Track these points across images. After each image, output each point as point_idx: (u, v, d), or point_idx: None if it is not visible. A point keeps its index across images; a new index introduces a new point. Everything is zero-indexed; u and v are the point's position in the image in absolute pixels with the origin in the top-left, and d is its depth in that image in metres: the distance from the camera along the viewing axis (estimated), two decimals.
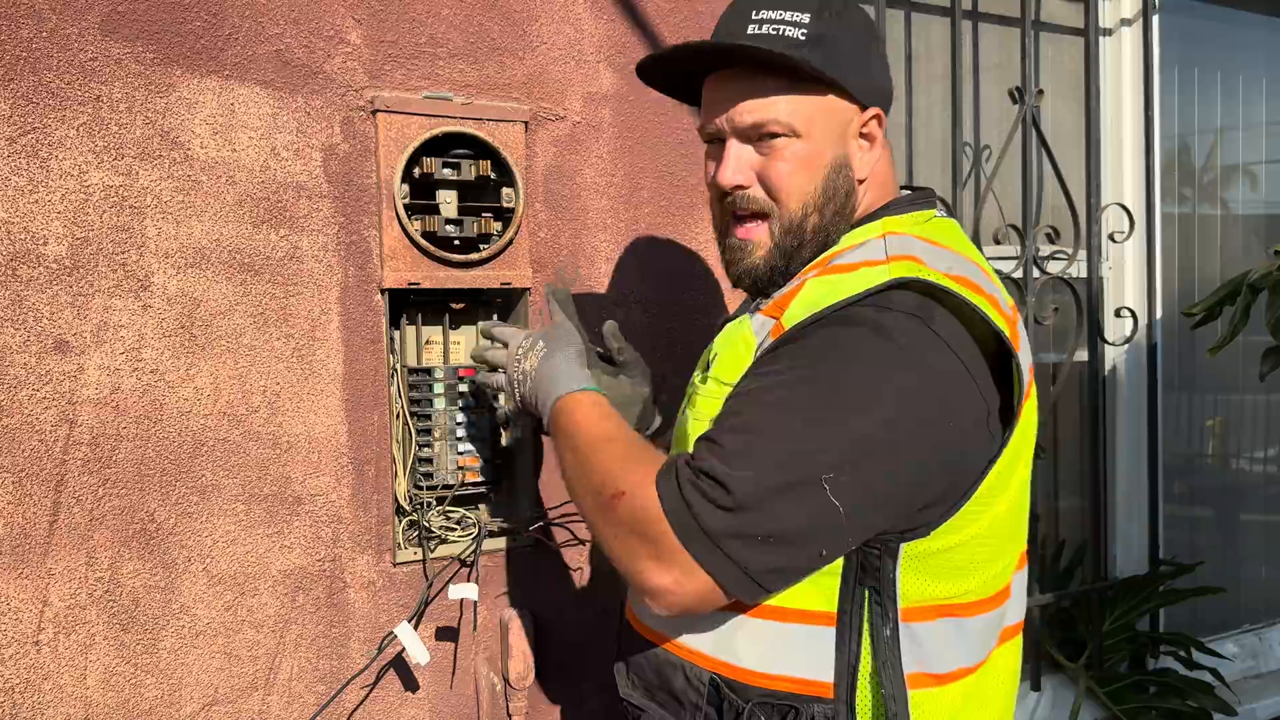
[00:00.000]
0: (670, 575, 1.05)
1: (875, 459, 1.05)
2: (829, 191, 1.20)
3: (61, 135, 1.44)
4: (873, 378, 1.05)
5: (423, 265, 1.66)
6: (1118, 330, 2.69)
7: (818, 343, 1.08)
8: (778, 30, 1.17)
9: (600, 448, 1.19)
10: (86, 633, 1.47)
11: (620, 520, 1.10)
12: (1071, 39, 2.74)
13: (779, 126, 1.18)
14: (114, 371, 1.48)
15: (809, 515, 1.04)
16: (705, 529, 1.03)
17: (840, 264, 1.16)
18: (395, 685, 1.70)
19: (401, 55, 1.67)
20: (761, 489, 1.02)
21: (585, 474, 1.18)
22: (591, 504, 1.16)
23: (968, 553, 1.13)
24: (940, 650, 1.13)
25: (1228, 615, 3.12)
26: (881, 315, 1.07)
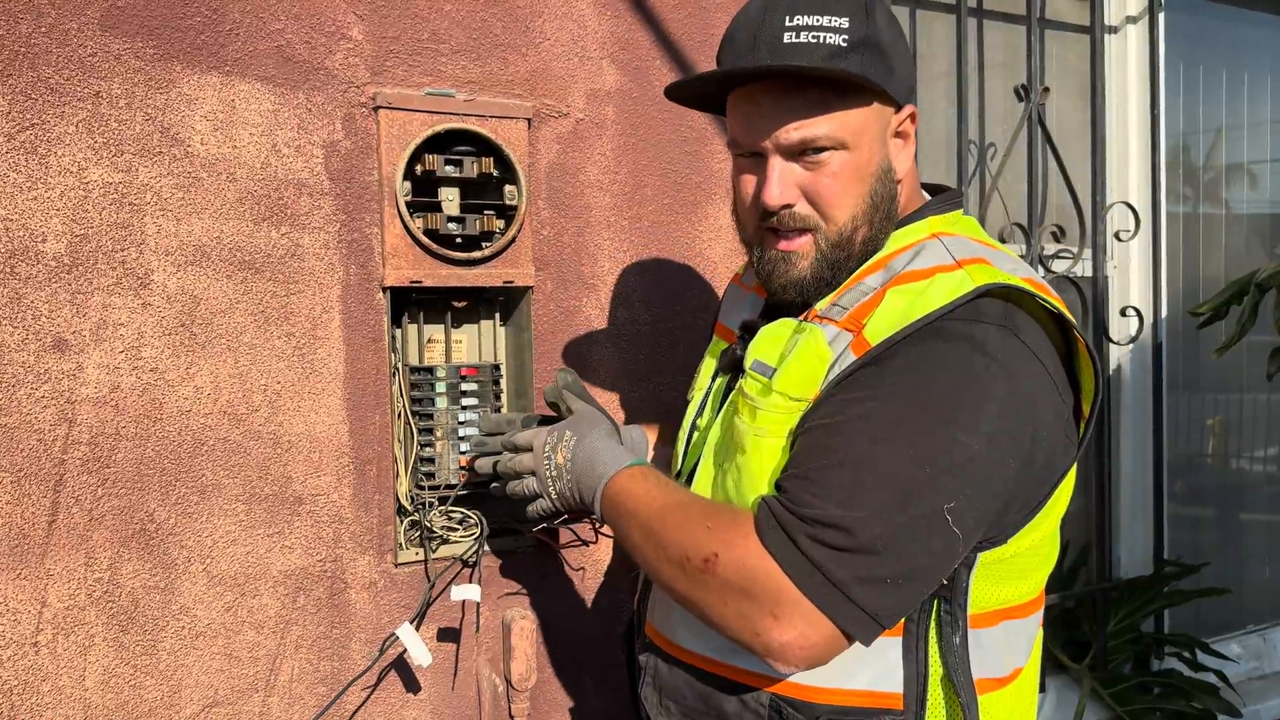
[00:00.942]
0: (795, 630, 1.00)
1: (984, 478, 1.03)
2: (876, 200, 1.16)
3: (60, 131, 1.42)
4: (974, 395, 1.03)
5: (425, 263, 1.65)
6: (1123, 330, 2.68)
7: (913, 362, 1.04)
8: (818, 38, 1.11)
9: (670, 517, 1.13)
10: (85, 634, 1.46)
11: (722, 584, 1.05)
12: (1076, 36, 2.73)
13: (828, 141, 1.12)
14: (113, 370, 1.46)
15: (935, 548, 1.01)
16: (832, 579, 0.99)
17: (911, 271, 1.12)
18: (397, 687, 1.69)
19: (404, 51, 1.65)
20: (887, 530, 0.99)
21: (662, 547, 1.11)
22: (679, 575, 1.09)
23: (1034, 556, 1.14)
24: (1000, 653, 1.14)
25: (1231, 616, 3.11)
26: (973, 329, 1.04)
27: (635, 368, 1.88)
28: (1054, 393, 1.09)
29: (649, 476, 1.20)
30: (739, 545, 1.04)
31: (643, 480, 1.20)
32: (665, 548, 1.11)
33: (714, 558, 1.05)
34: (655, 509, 1.15)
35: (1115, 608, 2.61)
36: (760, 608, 1.01)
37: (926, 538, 1.00)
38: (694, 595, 1.08)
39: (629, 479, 1.20)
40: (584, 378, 1.82)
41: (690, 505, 1.14)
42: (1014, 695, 1.17)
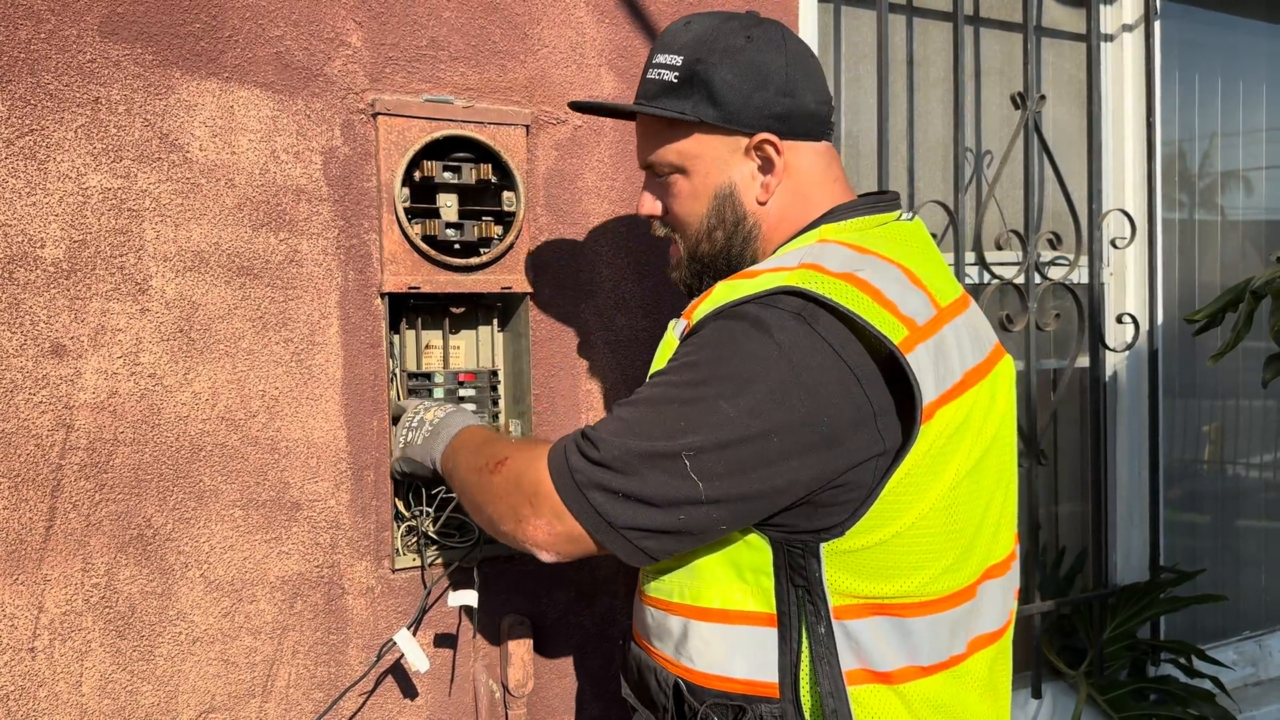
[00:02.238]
0: (544, 518, 1.17)
1: (738, 445, 1.10)
2: (714, 219, 1.29)
3: (59, 137, 1.43)
4: (745, 368, 1.10)
5: (423, 269, 1.65)
6: (1119, 336, 2.68)
7: (705, 334, 1.15)
8: (659, 75, 1.28)
9: (485, 445, 1.34)
10: (82, 639, 1.46)
11: (501, 480, 1.23)
12: (1073, 44, 2.74)
13: (664, 166, 1.31)
14: (111, 375, 1.46)
15: (667, 485, 1.11)
16: (576, 480, 1.14)
17: (753, 269, 1.22)
18: (394, 693, 1.69)
19: (402, 58, 1.66)
20: (629, 453, 1.12)
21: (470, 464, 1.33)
22: (475, 480, 1.29)
23: (894, 552, 1.13)
24: (881, 648, 1.14)
25: (1227, 622, 3.12)
26: (764, 311, 1.12)
27: (633, 374, 1.88)
28: (855, 387, 1.10)
29: (484, 428, 1.45)
30: (526, 453, 1.23)
31: (478, 430, 1.43)
32: (472, 462, 1.32)
33: (503, 461, 1.25)
34: (479, 439, 1.38)
35: (1111, 614, 2.61)
36: (523, 498, 1.19)
37: (661, 472, 1.11)
38: (481, 496, 1.27)
39: (467, 431, 1.43)
40: (581, 384, 1.82)
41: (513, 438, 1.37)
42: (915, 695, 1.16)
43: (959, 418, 1.15)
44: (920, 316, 1.14)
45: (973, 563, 1.21)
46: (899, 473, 1.11)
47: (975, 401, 1.18)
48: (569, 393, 1.82)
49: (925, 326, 1.14)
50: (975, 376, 1.20)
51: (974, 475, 1.18)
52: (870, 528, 1.12)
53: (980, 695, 1.24)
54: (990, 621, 1.26)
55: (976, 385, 1.20)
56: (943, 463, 1.14)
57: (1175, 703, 2.52)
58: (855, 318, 1.10)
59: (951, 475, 1.15)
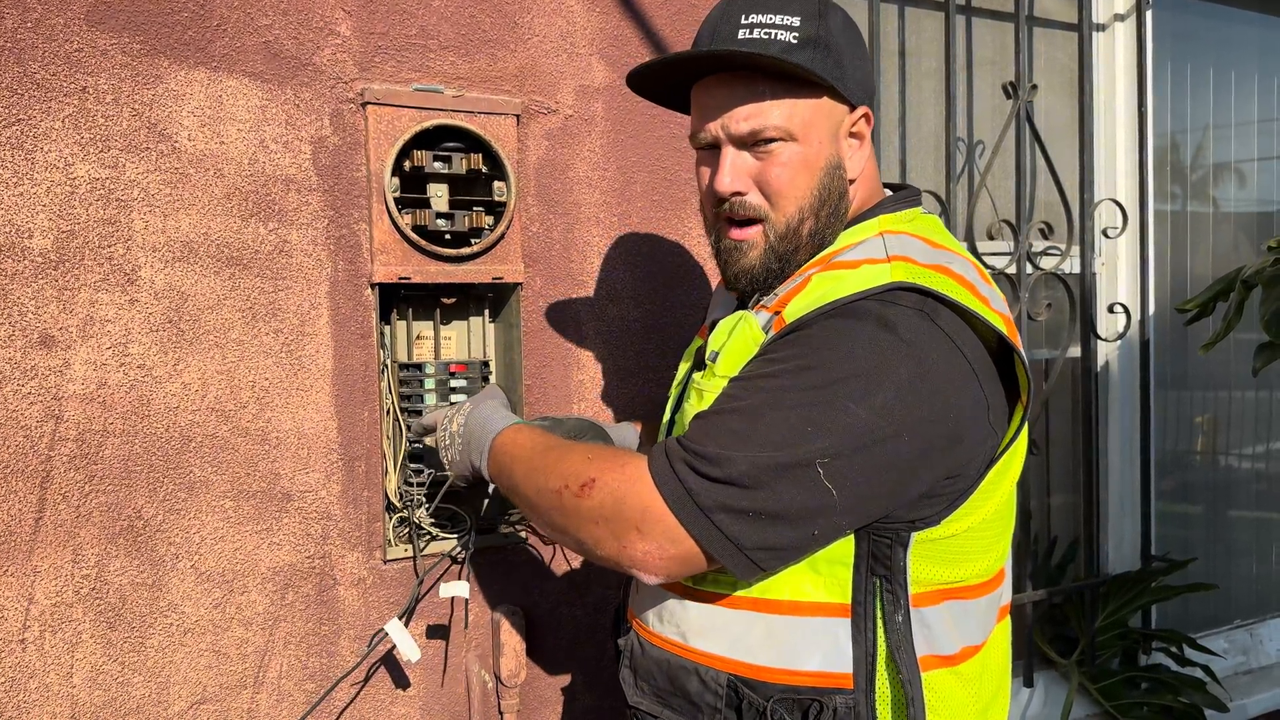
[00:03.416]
0: (655, 542, 1.08)
1: (871, 447, 1.06)
2: (824, 194, 1.20)
3: (47, 127, 1.42)
4: (874, 368, 1.06)
5: (413, 259, 1.65)
6: (1110, 326, 2.69)
7: (821, 332, 1.09)
8: (770, 34, 1.17)
9: (551, 454, 1.20)
10: (73, 631, 1.45)
11: (596, 505, 1.11)
12: (1065, 34, 2.74)
13: (776, 131, 1.18)
14: (100, 366, 1.46)
15: (802, 496, 1.05)
16: (698, 502, 1.05)
17: (842, 261, 1.17)
18: (386, 683, 1.69)
19: (392, 47, 1.65)
20: (756, 468, 1.04)
21: (543, 480, 1.18)
22: (556, 503, 1.16)
23: (971, 539, 1.17)
24: (948, 632, 1.17)
25: (1218, 611, 3.13)
26: (887, 309, 1.08)
27: (624, 363, 1.88)
28: (971, 379, 1.11)
29: (534, 429, 1.30)
30: (617, 471, 1.11)
31: (527, 431, 1.29)
32: (546, 479, 1.18)
33: (591, 482, 1.12)
34: (538, 450, 1.23)
35: (1103, 603, 2.62)
36: (627, 522, 1.09)
37: (793, 484, 1.04)
38: (568, 521, 1.15)
39: (514, 431, 1.30)
40: (573, 374, 1.82)
41: (574, 445, 1.22)
42: (967, 675, 1.19)
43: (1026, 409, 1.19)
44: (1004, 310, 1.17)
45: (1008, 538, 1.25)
46: (995, 466, 1.14)
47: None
48: (560, 383, 1.81)
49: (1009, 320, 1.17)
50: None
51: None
52: (961, 516, 1.14)
53: (1004, 659, 1.29)
54: (1008, 593, 1.30)
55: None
56: (1018, 452, 1.19)
57: (1166, 691, 2.53)
58: (972, 313, 1.10)
59: (1019, 462, 1.20)
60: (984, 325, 1.12)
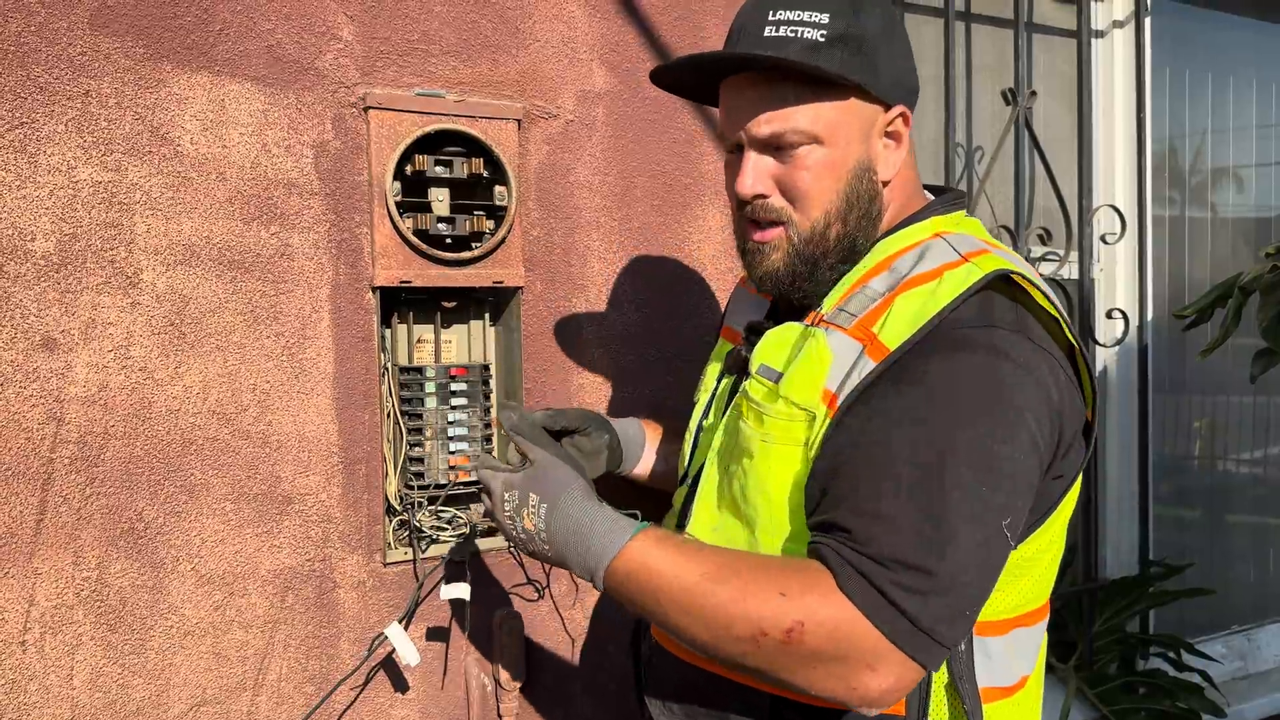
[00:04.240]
0: (891, 677, 0.99)
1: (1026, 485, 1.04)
2: (852, 198, 1.15)
3: (50, 130, 1.42)
4: (1009, 403, 1.03)
5: (414, 263, 1.65)
6: (1109, 332, 2.69)
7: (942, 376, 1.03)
8: (796, 32, 1.12)
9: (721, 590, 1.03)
10: (73, 633, 1.46)
11: (811, 651, 1.00)
12: (1064, 41, 2.75)
13: (799, 136, 1.13)
14: (102, 369, 1.46)
15: (993, 566, 1.02)
16: (921, 627, 0.98)
17: (919, 274, 1.11)
18: (385, 686, 1.69)
19: (394, 52, 1.66)
20: (961, 563, 0.98)
21: (721, 625, 1.03)
22: (752, 650, 1.02)
23: (1041, 560, 1.14)
24: (1009, 662, 1.14)
25: (1216, 616, 3.14)
26: (994, 337, 1.04)
27: (625, 368, 1.88)
28: (1074, 392, 1.10)
29: (665, 544, 1.09)
30: (823, 609, 0.99)
31: (659, 551, 1.08)
32: (728, 625, 1.02)
33: (799, 627, 0.99)
34: (693, 583, 1.05)
35: (1101, 608, 2.62)
36: (856, 665, 0.99)
37: (994, 560, 1.01)
38: (775, 669, 1.02)
39: (641, 553, 1.08)
40: (573, 378, 1.82)
41: (740, 570, 1.05)
42: (1020, 704, 1.17)
43: None
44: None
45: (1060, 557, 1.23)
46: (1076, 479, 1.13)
47: None
48: (561, 387, 1.82)
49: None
50: None
51: None
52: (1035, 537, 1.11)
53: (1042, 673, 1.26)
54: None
55: None
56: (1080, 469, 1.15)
57: (1164, 696, 2.53)
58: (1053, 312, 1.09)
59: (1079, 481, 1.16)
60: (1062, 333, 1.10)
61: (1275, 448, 3.39)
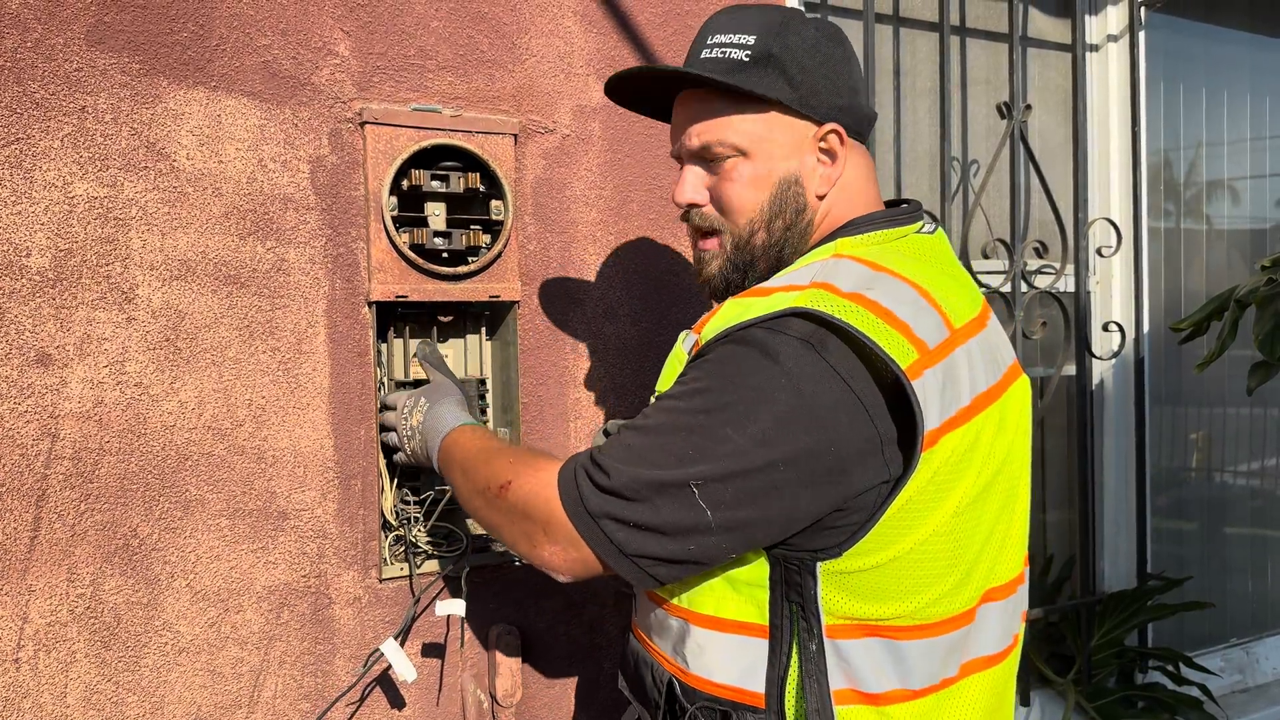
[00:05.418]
0: (558, 545, 1.16)
1: (745, 473, 1.09)
2: (776, 208, 1.24)
3: (46, 146, 1.42)
4: (753, 397, 1.09)
5: (410, 278, 1.65)
6: (1105, 344, 2.70)
7: (713, 358, 1.13)
8: (725, 53, 1.22)
9: (483, 456, 1.31)
10: (67, 650, 1.45)
11: (510, 506, 1.21)
12: (1059, 54, 2.76)
13: (724, 148, 1.23)
14: (97, 385, 1.46)
15: (677, 514, 1.10)
16: (588, 508, 1.13)
17: (761, 287, 1.19)
18: (381, 703, 1.68)
19: (390, 67, 1.66)
20: (637, 481, 1.11)
21: (473, 480, 1.29)
22: (482, 503, 1.26)
23: (892, 575, 1.12)
24: (872, 670, 1.13)
25: (1214, 629, 3.13)
26: (772, 338, 1.10)
27: (621, 381, 1.88)
28: (859, 413, 1.08)
29: (478, 431, 1.39)
30: (530, 474, 1.20)
31: (471, 433, 1.38)
32: (475, 480, 1.28)
33: (508, 484, 1.22)
34: (474, 450, 1.33)
35: (1099, 621, 2.62)
36: (536, 524, 1.18)
37: (670, 501, 1.10)
38: (491, 519, 1.25)
39: (460, 433, 1.39)
40: (569, 392, 1.82)
41: (505, 448, 1.32)
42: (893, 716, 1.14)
43: (965, 443, 1.13)
44: (932, 339, 1.11)
45: (972, 586, 1.18)
46: (900, 499, 1.09)
47: (983, 426, 1.16)
48: (557, 401, 1.82)
49: (936, 350, 1.11)
50: (985, 401, 1.17)
51: (980, 500, 1.16)
52: (868, 550, 1.11)
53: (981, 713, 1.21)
54: (989, 644, 1.22)
55: (985, 410, 1.16)
56: (947, 489, 1.12)
57: (1163, 710, 2.52)
58: (866, 341, 1.07)
59: (955, 501, 1.13)
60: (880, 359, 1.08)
61: (1272, 459, 3.39)
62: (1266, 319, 1.98)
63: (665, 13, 1.91)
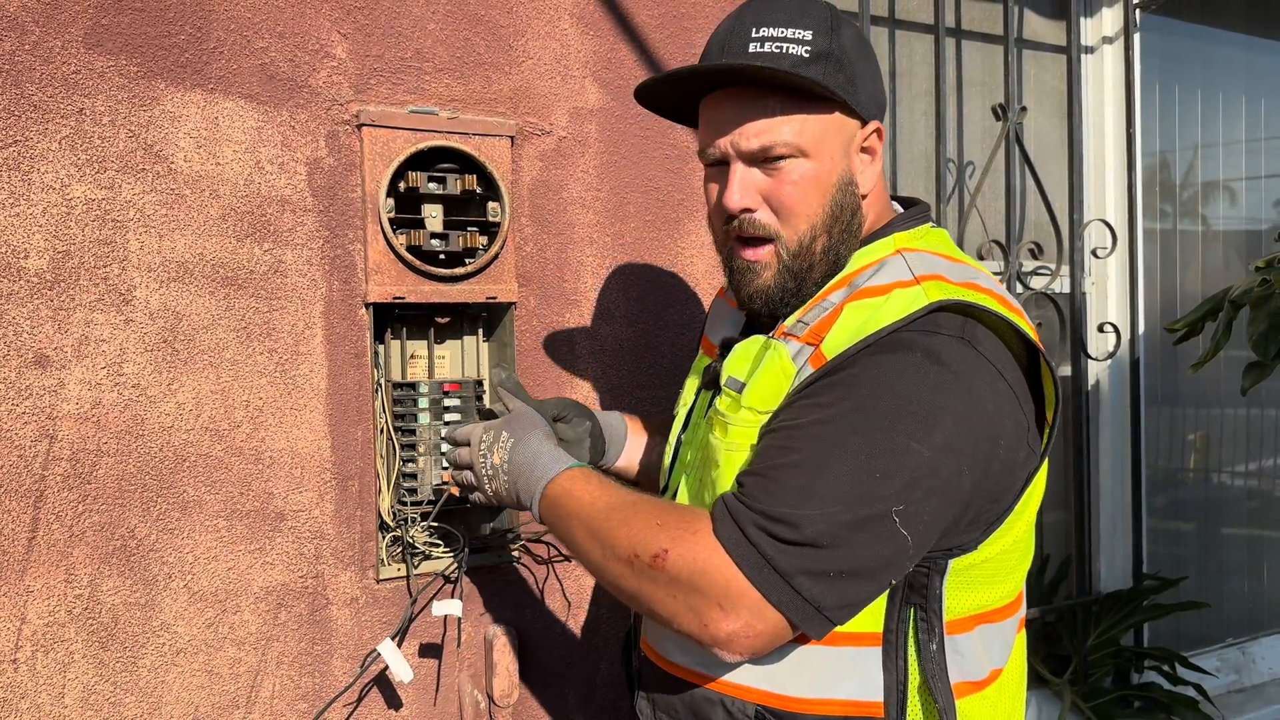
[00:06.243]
0: (740, 620, 1.02)
1: (936, 486, 1.04)
2: (836, 211, 1.17)
3: (44, 148, 1.43)
4: (929, 404, 1.04)
5: (407, 279, 1.66)
6: (1100, 345, 2.71)
7: (871, 372, 1.05)
8: (781, 49, 1.14)
9: (615, 516, 1.13)
10: (65, 651, 1.45)
11: (671, 578, 1.05)
12: (1054, 56, 2.77)
13: (787, 148, 1.15)
14: (95, 386, 1.46)
15: (880, 548, 1.02)
16: (778, 569, 1.00)
17: (870, 287, 1.13)
18: (378, 703, 1.68)
19: (387, 69, 1.67)
20: (833, 525, 1.00)
21: (609, 545, 1.12)
22: (626, 572, 1.09)
23: (1005, 561, 1.16)
24: (978, 657, 1.16)
25: (1211, 629, 3.14)
26: (931, 340, 1.06)
27: (618, 382, 1.89)
28: (1014, 403, 1.11)
29: (590, 478, 1.21)
30: (689, 540, 1.05)
31: (584, 481, 1.20)
32: (613, 546, 1.11)
33: (664, 553, 1.06)
34: (600, 508, 1.15)
35: (1095, 621, 2.62)
36: (708, 599, 1.03)
37: (872, 538, 1.01)
38: (643, 591, 1.09)
39: (569, 480, 1.21)
40: (566, 393, 1.83)
41: (638, 503, 1.14)
42: (993, 697, 1.19)
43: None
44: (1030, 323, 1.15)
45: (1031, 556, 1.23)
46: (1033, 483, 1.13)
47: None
48: None
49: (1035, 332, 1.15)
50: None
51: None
52: (995, 540, 1.12)
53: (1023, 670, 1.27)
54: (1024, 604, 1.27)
55: None
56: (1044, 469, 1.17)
57: (1159, 709, 2.53)
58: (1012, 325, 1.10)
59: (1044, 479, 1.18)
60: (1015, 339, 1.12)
61: (1268, 460, 3.40)
62: (1261, 319, 1.99)
63: (663, 15, 1.92)
